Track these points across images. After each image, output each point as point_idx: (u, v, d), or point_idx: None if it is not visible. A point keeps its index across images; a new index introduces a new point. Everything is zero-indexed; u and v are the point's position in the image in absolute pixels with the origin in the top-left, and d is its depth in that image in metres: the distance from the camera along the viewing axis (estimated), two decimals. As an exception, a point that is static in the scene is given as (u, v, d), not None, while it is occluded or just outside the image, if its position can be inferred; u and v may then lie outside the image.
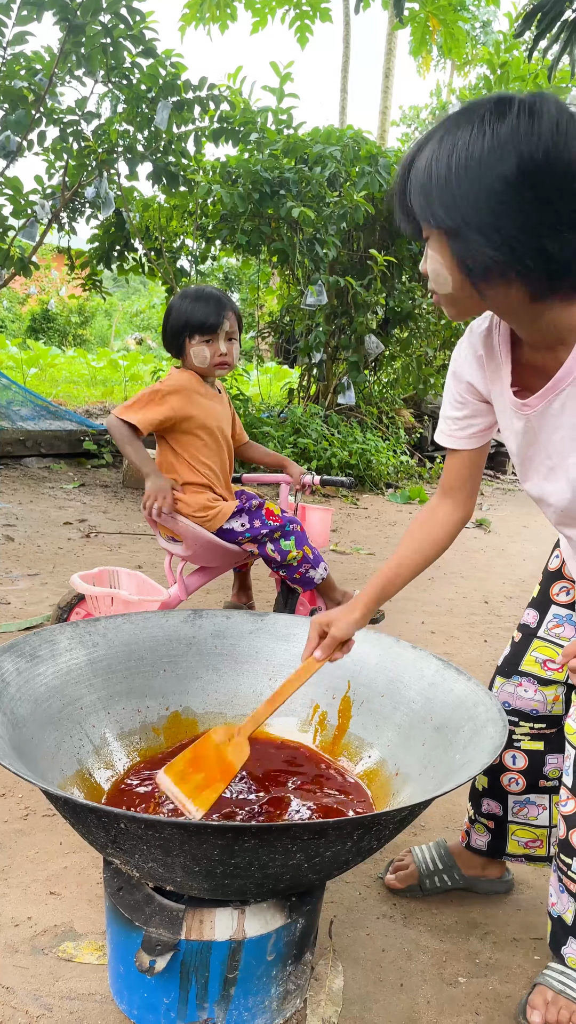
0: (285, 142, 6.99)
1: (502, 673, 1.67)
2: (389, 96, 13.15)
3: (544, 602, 1.62)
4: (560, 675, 1.60)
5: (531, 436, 1.31)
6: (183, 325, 2.55)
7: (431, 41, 8.04)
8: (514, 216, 1.04)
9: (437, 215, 1.09)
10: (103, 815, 1.10)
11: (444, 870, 1.77)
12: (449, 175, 1.06)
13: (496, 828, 1.71)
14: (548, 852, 1.70)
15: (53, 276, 17.89)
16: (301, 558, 2.66)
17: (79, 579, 2.44)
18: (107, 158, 6.49)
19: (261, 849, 1.09)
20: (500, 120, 1.04)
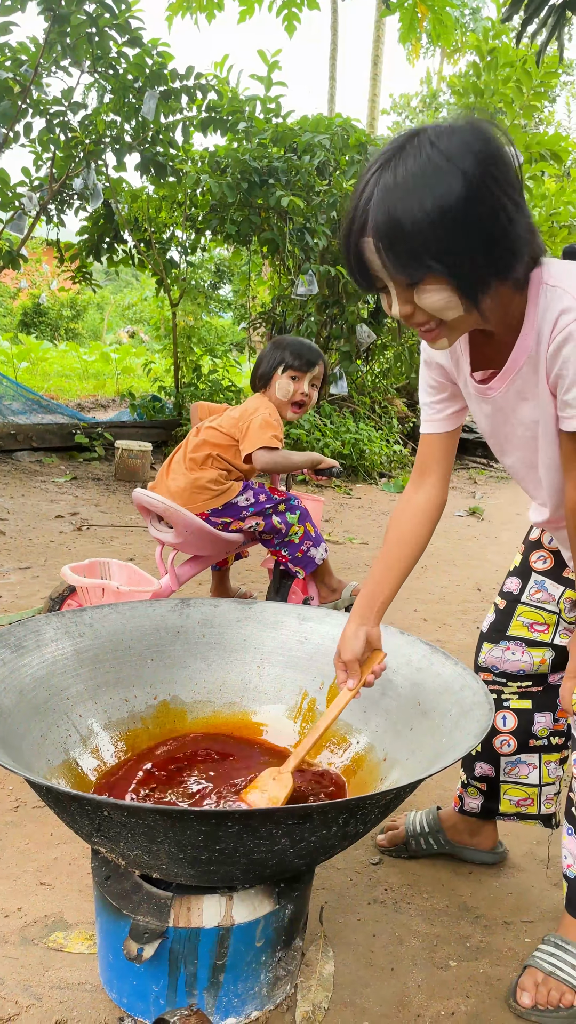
0: (274, 131, 6.95)
1: (489, 639, 1.71)
2: (378, 84, 13.10)
3: (525, 570, 1.68)
4: (546, 636, 1.64)
5: (501, 416, 1.37)
6: (280, 359, 2.76)
7: (419, 28, 7.99)
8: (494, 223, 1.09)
9: (435, 262, 1.09)
10: (86, 803, 1.09)
11: (430, 833, 1.83)
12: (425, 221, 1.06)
13: (488, 790, 1.76)
14: (539, 810, 1.74)
15: (44, 270, 17.80)
16: (303, 534, 2.73)
17: (70, 571, 2.43)
18: (94, 149, 6.44)
19: (245, 835, 1.09)
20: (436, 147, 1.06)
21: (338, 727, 1.67)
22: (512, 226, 1.10)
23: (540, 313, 1.22)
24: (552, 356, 1.21)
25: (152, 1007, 1.30)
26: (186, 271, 8.17)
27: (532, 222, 1.15)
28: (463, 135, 1.07)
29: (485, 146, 1.07)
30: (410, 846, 1.83)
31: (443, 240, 1.07)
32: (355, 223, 1.13)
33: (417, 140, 1.08)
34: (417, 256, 1.09)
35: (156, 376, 8.96)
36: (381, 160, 1.10)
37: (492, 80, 7.08)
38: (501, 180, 1.08)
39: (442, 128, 1.09)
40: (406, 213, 1.06)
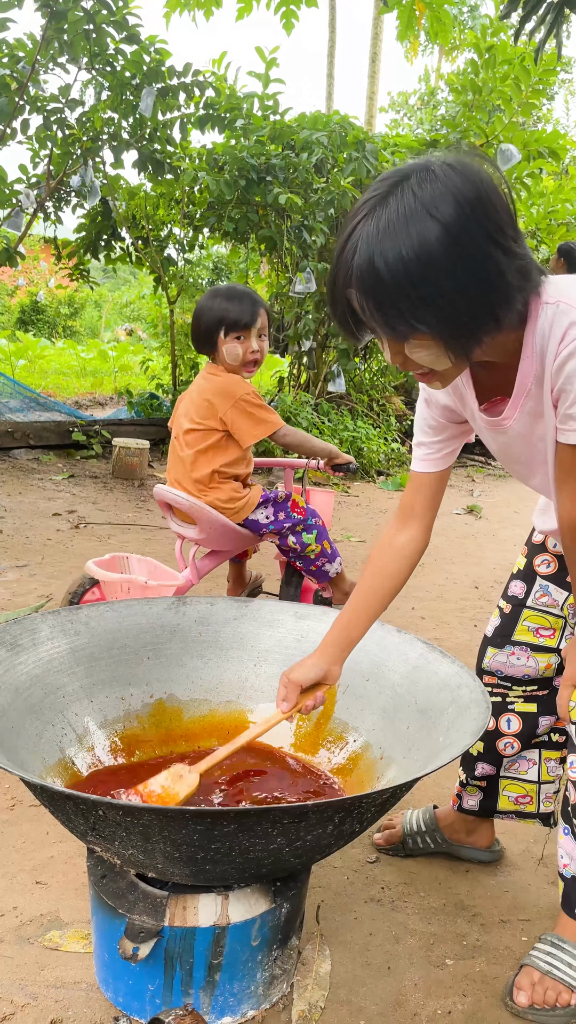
0: (271, 128, 6.94)
1: (494, 644, 1.70)
2: (376, 81, 13.08)
3: (530, 574, 1.67)
4: (551, 641, 1.63)
5: (521, 441, 1.34)
6: (217, 322, 2.58)
7: (417, 26, 7.98)
8: (480, 274, 1.05)
9: (418, 321, 1.07)
10: (81, 802, 1.09)
11: (427, 832, 1.82)
12: (404, 274, 1.03)
13: (488, 787, 1.76)
14: (537, 809, 1.74)
15: (42, 267, 17.76)
16: (319, 552, 2.70)
17: (95, 565, 2.45)
18: (92, 146, 6.43)
19: (241, 834, 1.08)
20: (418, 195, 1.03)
21: (334, 724, 1.67)
22: (502, 277, 1.07)
23: (540, 331, 1.19)
24: (556, 371, 1.19)
25: (148, 1006, 1.30)
26: (184, 269, 8.15)
27: (527, 263, 1.11)
28: (448, 180, 1.03)
29: (471, 190, 1.04)
30: (407, 845, 1.83)
31: (426, 296, 1.04)
32: (340, 274, 1.10)
33: (400, 188, 1.05)
34: (401, 314, 1.06)
35: (154, 374, 8.95)
36: (366, 209, 1.07)
37: (490, 78, 7.07)
38: (488, 226, 1.04)
39: (427, 173, 1.04)
40: (386, 267, 1.03)
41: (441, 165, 1.05)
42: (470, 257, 1.03)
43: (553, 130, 7.42)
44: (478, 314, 1.08)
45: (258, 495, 2.64)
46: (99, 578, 2.43)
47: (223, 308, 2.58)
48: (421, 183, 1.03)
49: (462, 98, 7.38)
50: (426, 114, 18.30)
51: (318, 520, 2.71)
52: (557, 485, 1.32)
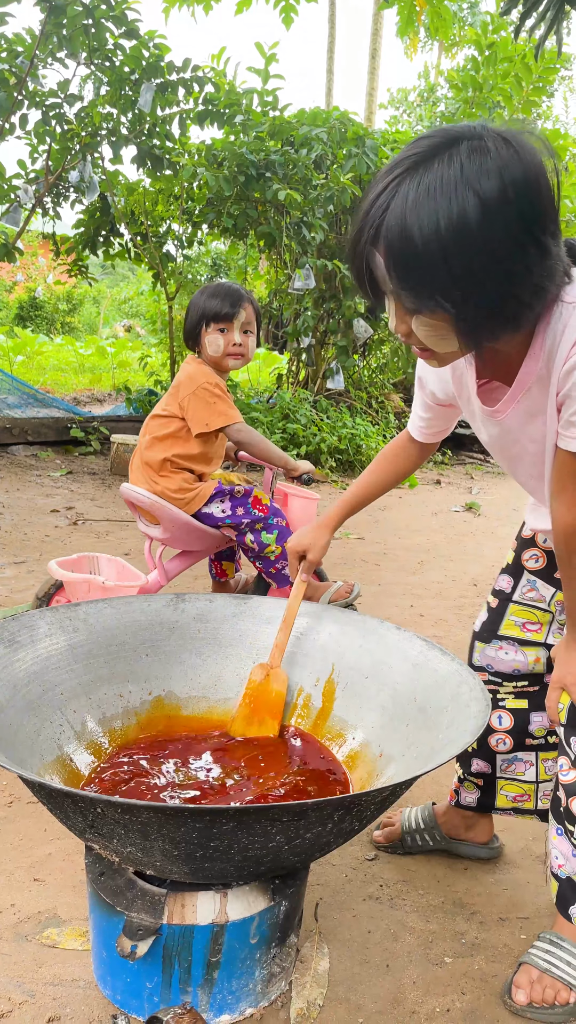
0: (271, 124, 6.92)
1: (481, 639, 1.71)
2: (376, 77, 13.06)
3: (518, 568, 1.67)
4: (539, 636, 1.64)
5: (510, 436, 1.35)
6: (200, 315, 2.58)
7: (417, 21, 7.96)
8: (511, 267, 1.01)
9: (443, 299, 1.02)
10: (79, 800, 1.08)
11: (426, 829, 1.82)
12: (437, 247, 0.98)
13: (485, 785, 1.76)
14: (536, 805, 1.75)
15: (40, 263, 17.73)
16: (279, 554, 2.62)
17: (56, 565, 2.41)
18: (91, 141, 6.41)
19: (240, 831, 1.08)
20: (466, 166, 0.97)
21: (333, 722, 1.67)
22: (529, 273, 1.02)
23: (553, 331, 1.16)
24: (565, 375, 1.16)
25: (146, 1004, 1.29)
26: (182, 265, 8.14)
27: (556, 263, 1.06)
28: (499, 156, 0.98)
29: (520, 172, 0.98)
30: (406, 843, 1.83)
31: (453, 275, 0.99)
32: (366, 230, 1.04)
33: (451, 151, 0.98)
34: (424, 286, 1.02)
35: (152, 370, 8.94)
36: (406, 165, 1.00)
37: (491, 75, 7.06)
38: (528, 214, 0.99)
39: (479, 143, 0.99)
40: (419, 233, 0.98)
41: (495, 137, 1.00)
42: (503, 244, 0.98)
43: (553, 129, 7.41)
44: (496, 306, 1.04)
45: (211, 488, 2.58)
46: (59, 578, 2.40)
47: (206, 302, 2.58)
48: (471, 152, 0.98)
49: (462, 95, 7.37)
50: (425, 111, 18.25)
51: (280, 520, 2.64)
52: (554, 489, 1.30)
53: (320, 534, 1.68)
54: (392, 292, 1.08)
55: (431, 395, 1.48)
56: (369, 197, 1.04)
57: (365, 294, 1.13)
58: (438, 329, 1.08)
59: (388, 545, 5.00)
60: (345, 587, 2.79)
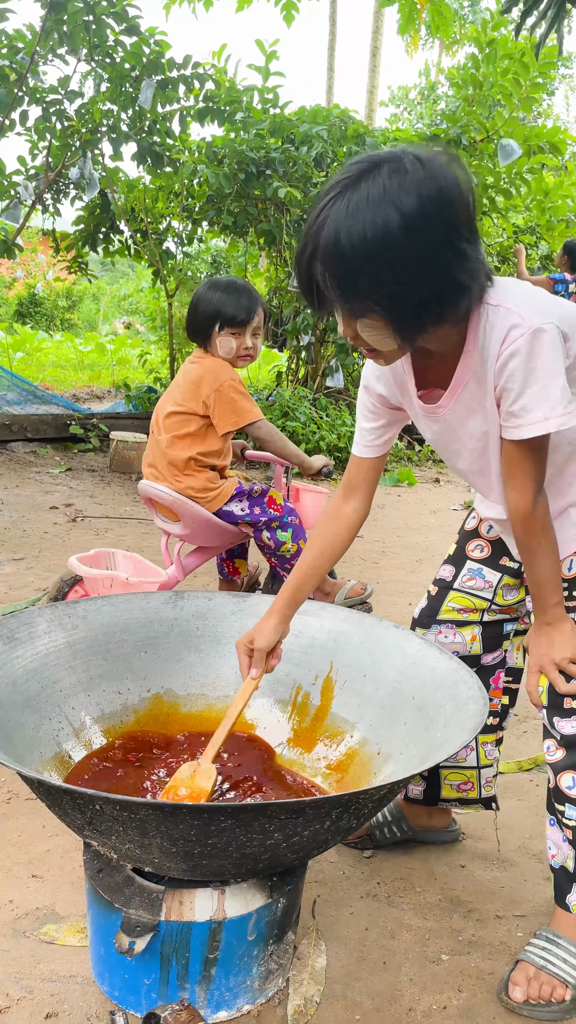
0: (271, 121, 6.90)
1: (421, 625, 1.73)
2: (376, 75, 13.04)
3: (460, 558, 1.71)
4: (474, 616, 1.68)
5: (450, 432, 1.43)
6: (214, 314, 2.57)
7: (418, 19, 7.94)
8: (434, 268, 1.13)
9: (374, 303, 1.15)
10: (78, 797, 1.08)
11: (393, 821, 1.84)
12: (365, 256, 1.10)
13: (430, 776, 1.78)
14: (479, 794, 1.79)
15: (40, 260, 17.71)
16: (295, 551, 2.68)
17: (77, 561, 2.43)
18: (91, 138, 6.39)
19: (238, 829, 1.08)
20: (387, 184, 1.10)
21: (332, 720, 1.67)
22: (451, 274, 1.14)
23: (483, 331, 1.26)
24: (499, 370, 1.26)
25: (143, 1000, 1.30)
26: (182, 262, 8.13)
27: (476, 266, 1.17)
28: (415, 175, 1.10)
29: (434, 188, 1.10)
30: (375, 837, 1.84)
31: (382, 281, 1.11)
32: (307, 247, 1.16)
33: (372, 175, 1.11)
34: (357, 293, 1.14)
35: (152, 367, 8.93)
36: (338, 189, 1.13)
37: (491, 72, 7.04)
38: (445, 225, 1.11)
39: (398, 164, 1.11)
40: (349, 244, 1.10)
41: (412, 160, 1.12)
42: (424, 250, 1.11)
43: (554, 125, 7.39)
44: (425, 305, 1.16)
45: (233, 486, 2.63)
46: (81, 574, 2.42)
47: (221, 301, 2.56)
48: (391, 173, 1.10)
49: (463, 93, 7.35)
50: (426, 108, 18.24)
51: (295, 519, 2.69)
52: (504, 478, 1.39)
53: (265, 622, 1.53)
54: (333, 300, 1.19)
55: (380, 399, 1.52)
56: (310, 218, 1.17)
57: (312, 304, 1.24)
58: (378, 330, 1.20)
59: (387, 543, 5.01)
60: (359, 585, 2.84)
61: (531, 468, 1.32)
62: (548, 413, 1.23)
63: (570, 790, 1.42)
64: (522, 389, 1.24)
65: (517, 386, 1.24)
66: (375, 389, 1.52)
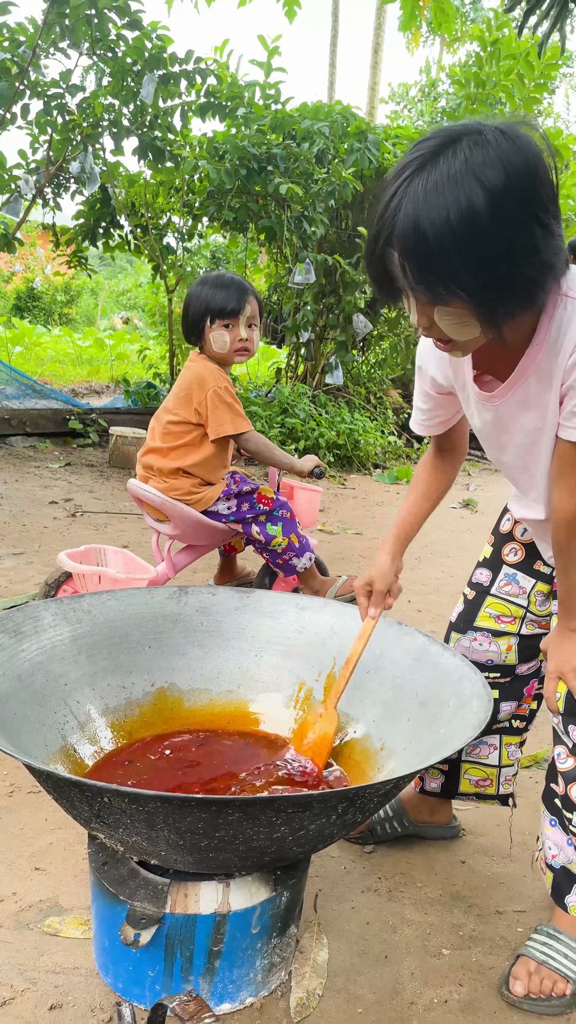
0: (273, 117, 6.90)
1: (457, 629, 1.73)
2: (378, 72, 13.02)
3: (496, 562, 1.70)
4: (512, 627, 1.66)
5: (500, 423, 1.38)
6: (203, 310, 2.54)
7: (421, 16, 7.93)
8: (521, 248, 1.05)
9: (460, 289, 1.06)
10: (86, 789, 1.09)
11: (394, 817, 1.84)
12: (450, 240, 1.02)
13: (449, 770, 1.79)
14: (497, 790, 1.79)
15: (39, 254, 17.67)
16: (286, 545, 2.67)
17: (66, 557, 2.43)
18: (92, 132, 6.38)
19: (245, 822, 1.09)
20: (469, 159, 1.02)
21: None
22: (538, 253, 1.06)
23: (557, 324, 1.20)
24: (571, 368, 1.20)
25: (148, 992, 1.30)
26: (183, 257, 8.12)
27: (562, 243, 1.10)
28: (499, 147, 1.02)
29: (521, 160, 1.03)
30: (375, 832, 1.85)
31: (468, 264, 1.04)
32: (381, 232, 1.09)
33: (452, 149, 1.03)
34: (441, 278, 1.06)
35: (151, 363, 8.92)
36: (413, 167, 1.05)
37: (494, 71, 7.04)
38: (532, 199, 1.04)
39: (479, 137, 1.03)
40: (431, 227, 1.02)
41: (493, 131, 1.04)
42: (512, 228, 1.03)
43: (556, 127, 7.40)
44: (514, 288, 1.08)
45: (218, 491, 2.63)
46: (70, 570, 2.42)
47: (209, 295, 2.53)
48: (472, 146, 1.02)
49: (465, 91, 7.35)
50: (427, 106, 18.23)
51: (286, 512, 2.68)
52: (554, 477, 1.34)
53: (379, 563, 1.58)
54: (410, 288, 1.11)
55: (431, 382, 1.48)
56: (382, 202, 1.09)
57: (384, 295, 1.17)
58: (459, 317, 1.12)
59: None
60: (350, 581, 2.82)
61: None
62: None
63: None
64: None
65: None
66: (428, 371, 1.47)
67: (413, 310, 1.16)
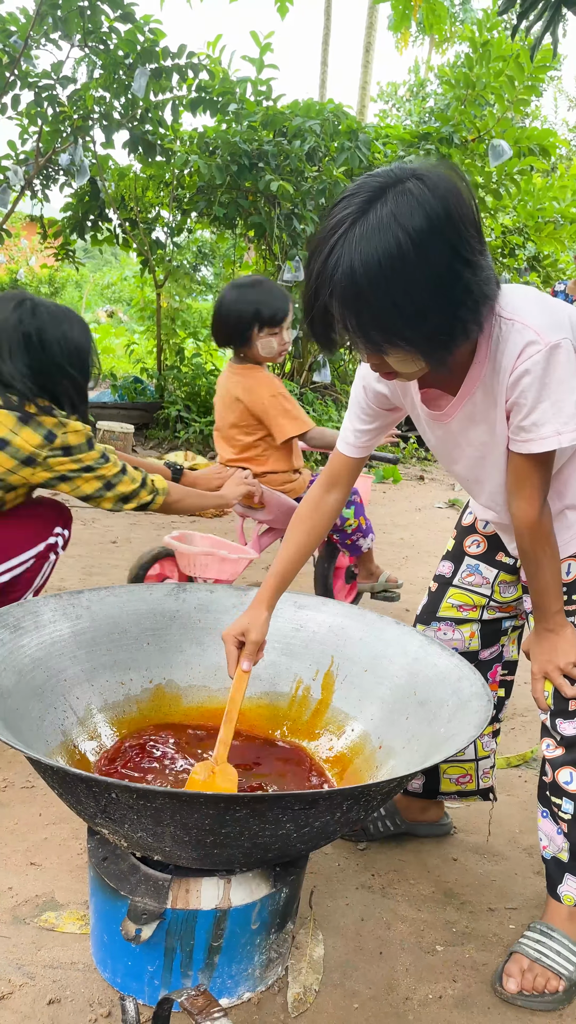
0: (264, 114, 6.88)
1: (421, 621, 1.76)
2: (369, 70, 13.01)
3: (458, 554, 1.73)
4: (474, 614, 1.70)
5: (452, 439, 1.44)
6: (253, 316, 2.62)
7: (412, 17, 7.95)
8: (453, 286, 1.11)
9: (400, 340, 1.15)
10: (94, 784, 1.09)
11: (387, 816, 1.87)
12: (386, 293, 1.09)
13: (429, 771, 1.80)
14: (477, 785, 1.82)
15: (23, 245, 17.53)
16: (356, 527, 2.92)
17: (175, 540, 2.55)
18: (82, 125, 6.34)
19: (252, 819, 1.10)
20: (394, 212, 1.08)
21: (333, 714, 1.69)
22: (469, 291, 1.13)
23: (495, 344, 1.26)
24: (512, 385, 1.26)
25: (147, 987, 1.31)
26: (171, 252, 8.09)
27: (489, 275, 1.16)
28: (420, 195, 1.08)
29: (441, 204, 1.09)
30: (368, 830, 1.86)
31: (404, 318, 1.11)
32: (321, 287, 1.14)
33: (380, 201, 1.10)
34: (383, 333, 1.14)
35: (138, 357, 8.89)
36: (347, 221, 1.11)
37: (484, 73, 7.06)
38: (457, 237, 1.10)
39: (402, 185, 1.10)
40: (364, 274, 1.08)
41: (411, 178, 1.11)
42: (438, 267, 1.09)
43: (544, 128, 7.45)
44: (452, 327, 1.15)
45: (307, 480, 2.92)
46: (179, 550, 2.56)
47: (256, 302, 2.62)
48: (396, 196, 1.09)
49: (455, 91, 7.37)
50: (415, 106, 18.25)
51: (356, 497, 2.91)
52: (511, 489, 1.39)
53: (256, 613, 1.51)
54: (355, 338, 1.18)
55: (379, 398, 1.50)
56: (320, 257, 1.14)
57: (325, 346, 1.23)
58: (403, 357, 1.20)
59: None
60: (393, 577, 3.18)
61: (539, 480, 1.33)
62: (560, 428, 1.24)
63: (568, 785, 1.45)
64: (535, 404, 1.24)
65: (530, 401, 1.24)
66: (375, 388, 1.49)
67: (362, 351, 1.23)
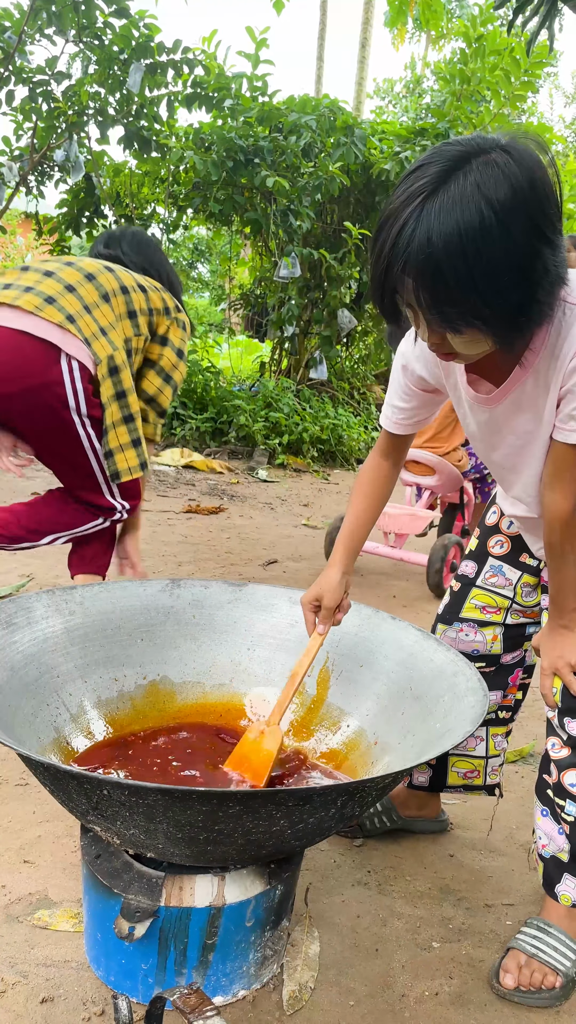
0: (260, 110, 6.87)
1: (443, 621, 1.74)
2: (365, 67, 12.97)
3: (482, 554, 1.71)
4: (497, 617, 1.68)
5: (495, 425, 1.39)
6: None
7: (408, 12, 7.93)
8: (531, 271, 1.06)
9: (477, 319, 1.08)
10: (85, 781, 1.08)
11: (383, 812, 1.86)
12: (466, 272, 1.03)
13: (437, 764, 1.80)
14: (484, 781, 1.81)
15: (18, 242, 17.48)
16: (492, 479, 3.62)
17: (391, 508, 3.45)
18: (77, 120, 6.33)
19: (245, 815, 1.09)
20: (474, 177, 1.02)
21: (328, 710, 1.68)
22: (547, 272, 1.07)
23: (556, 330, 1.21)
24: (570, 372, 1.22)
25: (140, 985, 1.30)
26: (167, 249, 8.07)
27: (564, 253, 1.11)
28: (507, 167, 1.03)
29: (527, 178, 1.03)
30: (365, 826, 1.86)
31: (484, 296, 1.05)
32: (395, 259, 1.07)
33: (464, 170, 1.03)
34: (460, 311, 1.07)
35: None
36: (426, 190, 1.04)
37: (479, 68, 7.05)
38: (538, 218, 1.04)
39: (488, 156, 1.04)
40: (442, 248, 1.02)
41: (500, 152, 1.05)
42: (520, 244, 1.03)
43: (540, 123, 7.43)
44: (530, 308, 1.09)
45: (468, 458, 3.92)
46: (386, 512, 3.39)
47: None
48: (481, 167, 1.03)
49: (450, 87, 7.36)
50: (411, 102, 18.23)
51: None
52: (548, 479, 1.35)
53: (329, 577, 1.54)
54: (425, 317, 1.11)
55: (419, 380, 1.47)
56: (393, 228, 1.07)
57: (392, 321, 1.18)
58: (473, 338, 1.13)
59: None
60: None
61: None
62: None
63: (573, 787, 1.44)
64: None
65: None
66: (414, 370, 1.45)
67: (423, 329, 1.16)
